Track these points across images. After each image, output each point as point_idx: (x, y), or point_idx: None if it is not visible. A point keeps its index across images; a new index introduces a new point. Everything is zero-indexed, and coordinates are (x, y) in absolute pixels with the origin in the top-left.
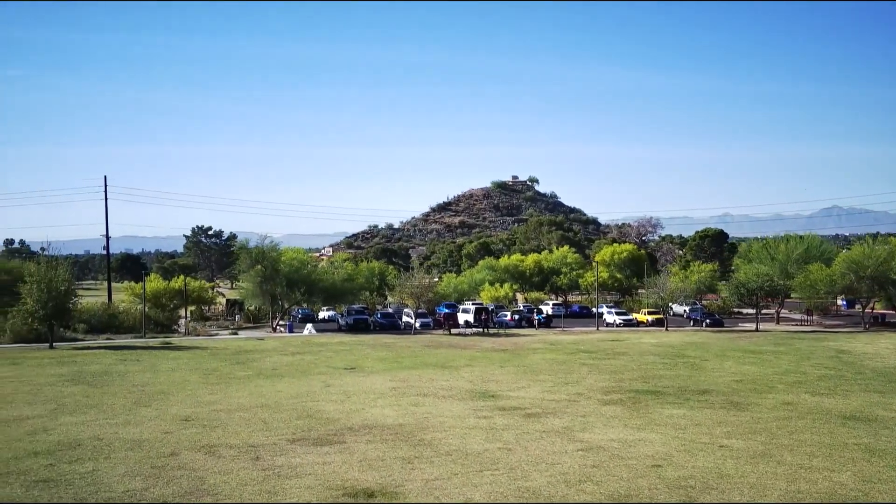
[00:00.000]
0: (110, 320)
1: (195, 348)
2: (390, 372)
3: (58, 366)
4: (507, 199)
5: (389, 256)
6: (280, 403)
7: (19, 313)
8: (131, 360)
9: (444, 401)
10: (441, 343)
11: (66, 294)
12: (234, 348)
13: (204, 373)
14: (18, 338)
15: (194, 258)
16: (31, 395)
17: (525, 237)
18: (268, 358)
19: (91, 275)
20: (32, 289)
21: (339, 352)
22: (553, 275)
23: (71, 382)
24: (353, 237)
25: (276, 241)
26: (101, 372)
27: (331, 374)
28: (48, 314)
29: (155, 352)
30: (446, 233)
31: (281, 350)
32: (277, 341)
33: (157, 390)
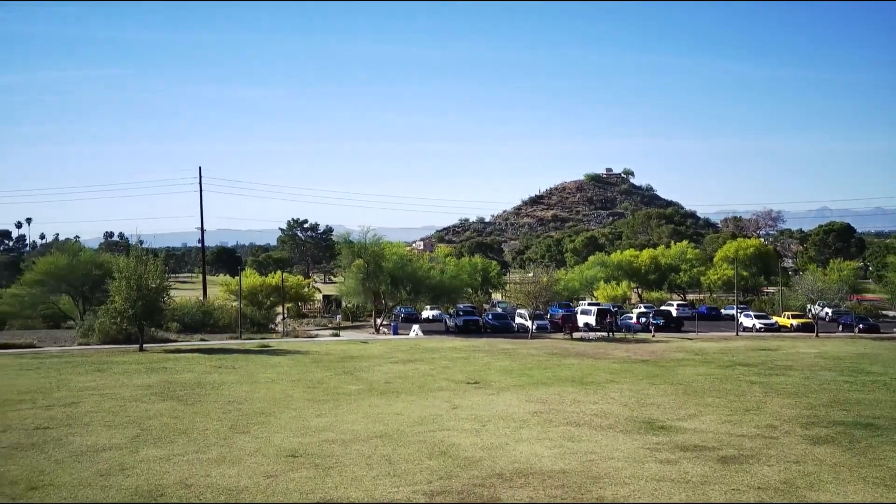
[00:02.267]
0: (204, 318)
1: (295, 353)
2: (522, 389)
3: (146, 373)
4: (601, 192)
5: (484, 251)
6: (402, 433)
7: (107, 312)
8: (227, 367)
9: (605, 434)
10: (566, 350)
11: (158, 292)
12: (338, 354)
13: (308, 385)
14: (107, 338)
15: (290, 252)
16: (112, 415)
17: (632, 231)
18: (377, 367)
19: (187, 267)
20: (121, 286)
21: (455, 360)
22: (671, 272)
23: (159, 397)
24: (443, 231)
25: (379, 235)
26: (193, 383)
27: (453, 390)
28: (137, 314)
29: (252, 357)
30: (538, 226)
31: (389, 356)
32: (383, 345)
33: (256, 409)
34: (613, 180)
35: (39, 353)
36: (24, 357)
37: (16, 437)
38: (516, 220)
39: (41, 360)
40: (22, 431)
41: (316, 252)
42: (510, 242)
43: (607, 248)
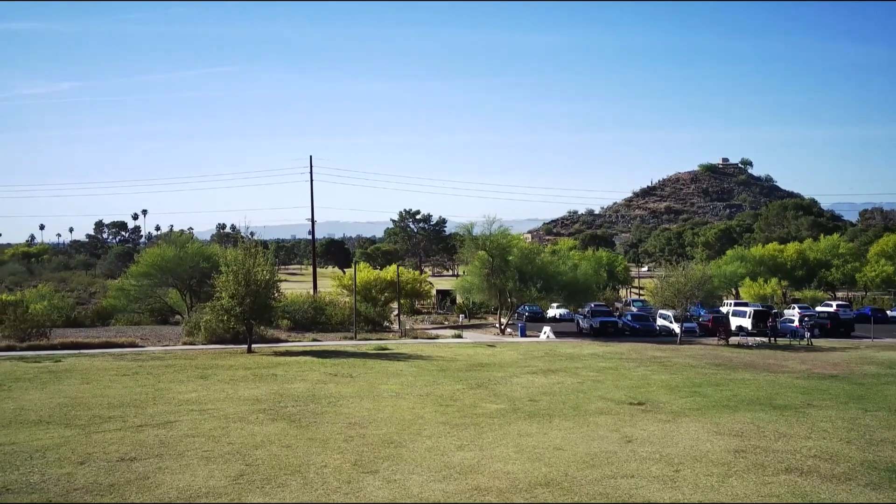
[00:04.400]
0: (316, 315)
1: (417, 358)
2: (703, 414)
3: (254, 382)
4: (716, 182)
5: (598, 244)
6: (573, 479)
7: (213, 309)
8: (343, 375)
9: (845, 488)
10: (729, 360)
11: (268, 287)
12: (465, 360)
13: (439, 402)
14: (213, 337)
15: (402, 244)
16: (213, 441)
17: (765, 223)
18: (514, 378)
19: (296, 259)
20: (228, 280)
21: (604, 371)
22: (821, 268)
23: (267, 415)
24: (551, 223)
25: (505, 227)
26: (307, 396)
27: (616, 413)
28: (246, 312)
29: (370, 362)
30: (651, 219)
31: (524, 364)
32: (514, 350)
33: (382, 436)
34: (730, 170)
35: (140, 354)
36: (124, 358)
37: (94, 472)
38: (627, 212)
39: (141, 362)
40: (103, 464)
41: (428, 244)
42: (621, 235)
43: (740, 241)
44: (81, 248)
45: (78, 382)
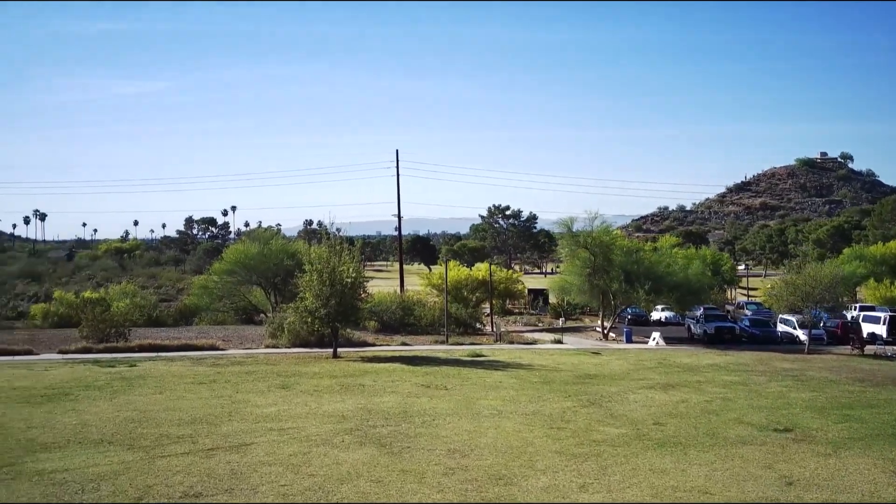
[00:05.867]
0: (404, 316)
1: (516, 367)
2: (869, 447)
3: (339, 394)
4: (815, 178)
5: (693, 241)
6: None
7: (297, 311)
8: (436, 386)
9: None
10: (872, 374)
11: (354, 287)
12: (570, 370)
13: (549, 424)
14: (297, 340)
15: (491, 240)
16: (292, 472)
17: (879, 220)
18: (630, 394)
19: (382, 255)
20: (312, 280)
21: (731, 386)
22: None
23: (354, 438)
24: (641, 220)
25: (607, 222)
26: (398, 412)
27: (762, 443)
28: (330, 314)
29: (465, 371)
30: (745, 215)
31: (638, 377)
32: (622, 358)
33: (488, 469)
34: (829, 165)
35: (220, 359)
36: (202, 364)
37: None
38: (720, 209)
39: (220, 368)
40: (163, 501)
41: (518, 241)
42: (714, 232)
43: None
44: (172, 243)
45: (150, 392)
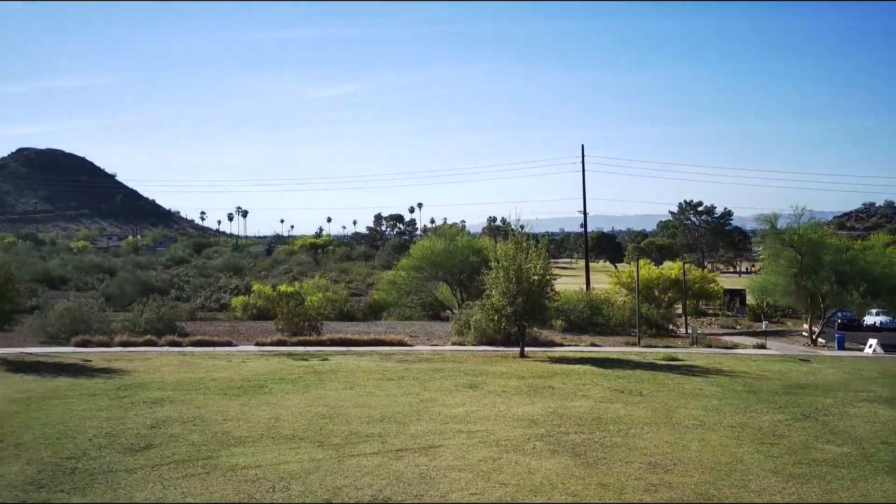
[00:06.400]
0: (592, 315)
1: (716, 373)
2: None
3: (527, 396)
4: None
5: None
6: None
7: (483, 308)
8: (630, 392)
9: None
10: None
11: (541, 285)
12: (777, 378)
13: (759, 438)
14: (483, 338)
15: (681, 237)
16: (483, 480)
17: None
18: (849, 408)
19: (566, 253)
20: (498, 277)
21: None
22: None
23: (546, 444)
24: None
25: (817, 219)
26: (591, 418)
27: None
28: (518, 312)
29: (660, 376)
30: None
31: (856, 388)
32: (835, 367)
33: (694, 489)
34: None
35: (408, 355)
36: (391, 359)
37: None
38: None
39: (408, 364)
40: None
41: (711, 239)
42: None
43: None
44: (362, 240)
45: (340, 387)
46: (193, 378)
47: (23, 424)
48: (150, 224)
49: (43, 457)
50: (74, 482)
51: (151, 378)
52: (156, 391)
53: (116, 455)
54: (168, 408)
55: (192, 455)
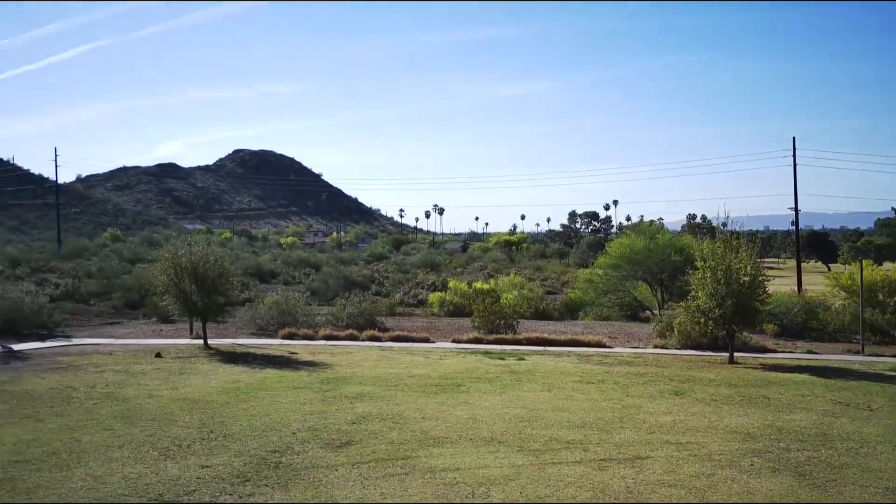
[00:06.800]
0: (807, 319)
1: None
2: None
3: (740, 406)
4: None
5: None
6: None
7: (688, 310)
8: (857, 405)
9: None
10: None
11: (752, 287)
12: None
13: None
14: (688, 342)
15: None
16: (696, 497)
17: None
18: None
19: (772, 252)
20: (705, 278)
21: None
22: None
23: (765, 461)
24: None
25: None
26: (815, 434)
27: None
28: (726, 315)
29: (889, 388)
30: None
31: None
32: None
33: None
34: None
35: (607, 357)
36: (589, 361)
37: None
38: None
39: (607, 367)
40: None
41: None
42: None
43: None
44: (556, 237)
45: (538, 388)
46: (392, 374)
47: (232, 415)
48: (353, 221)
49: (249, 449)
50: (278, 477)
51: (352, 372)
52: (356, 386)
53: (319, 450)
54: (368, 403)
55: (391, 454)
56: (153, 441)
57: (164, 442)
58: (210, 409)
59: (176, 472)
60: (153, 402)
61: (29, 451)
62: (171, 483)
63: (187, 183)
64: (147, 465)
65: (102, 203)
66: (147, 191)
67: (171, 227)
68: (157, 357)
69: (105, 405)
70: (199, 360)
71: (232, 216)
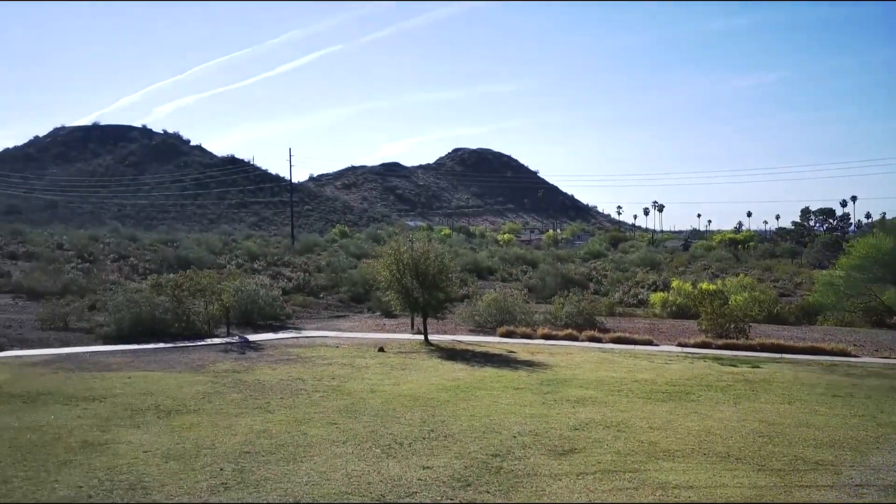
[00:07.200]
0: None
1: None
2: None
3: None
4: None
5: None
6: None
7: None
8: None
9: None
10: None
11: None
12: None
13: None
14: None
15: None
16: None
17: None
18: None
19: None
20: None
21: None
22: None
23: None
24: None
25: None
26: None
27: None
28: None
29: None
30: None
31: None
32: None
33: None
34: None
35: (853, 367)
36: (835, 372)
37: None
38: None
39: (855, 379)
40: None
41: None
42: None
43: None
44: (786, 235)
45: (777, 400)
46: (615, 378)
47: (452, 415)
48: (569, 218)
49: (470, 451)
50: (500, 483)
51: (573, 374)
52: (577, 389)
53: (541, 457)
54: (591, 409)
55: (617, 465)
56: (375, 438)
57: (386, 439)
58: (431, 407)
59: (397, 471)
60: (376, 398)
61: (258, 443)
62: (392, 483)
63: (409, 181)
64: (369, 462)
65: (332, 201)
66: (372, 189)
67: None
68: (380, 351)
69: (330, 398)
70: (419, 355)
71: (451, 213)
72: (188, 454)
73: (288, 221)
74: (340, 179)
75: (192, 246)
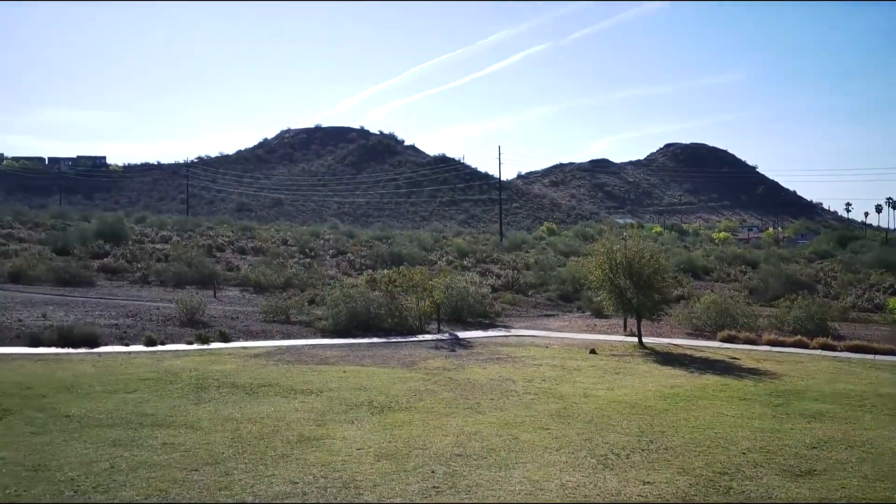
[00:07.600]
0: None
1: None
2: None
3: None
4: None
5: None
6: None
7: None
8: None
9: None
10: None
11: None
12: None
13: None
14: None
15: None
16: None
17: None
18: None
19: None
20: None
21: None
22: None
23: None
24: None
25: None
26: None
27: None
28: None
29: None
30: None
31: None
32: None
33: None
34: None
35: None
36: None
37: None
38: None
39: None
40: None
41: None
42: None
43: None
44: None
45: None
46: (855, 391)
47: (672, 425)
48: (791, 215)
49: (694, 467)
50: None
51: (805, 385)
52: (812, 402)
53: (774, 477)
54: (829, 425)
55: (867, 493)
56: (590, 446)
57: (602, 449)
58: (648, 416)
59: (615, 485)
60: (589, 403)
61: (470, 445)
62: (610, 497)
63: (618, 178)
64: (585, 473)
65: (539, 198)
66: (580, 186)
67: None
68: (592, 353)
69: (542, 401)
70: (633, 359)
71: (662, 210)
72: (400, 454)
73: (496, 219)
74: (548, 177)
75: (404, 242)
